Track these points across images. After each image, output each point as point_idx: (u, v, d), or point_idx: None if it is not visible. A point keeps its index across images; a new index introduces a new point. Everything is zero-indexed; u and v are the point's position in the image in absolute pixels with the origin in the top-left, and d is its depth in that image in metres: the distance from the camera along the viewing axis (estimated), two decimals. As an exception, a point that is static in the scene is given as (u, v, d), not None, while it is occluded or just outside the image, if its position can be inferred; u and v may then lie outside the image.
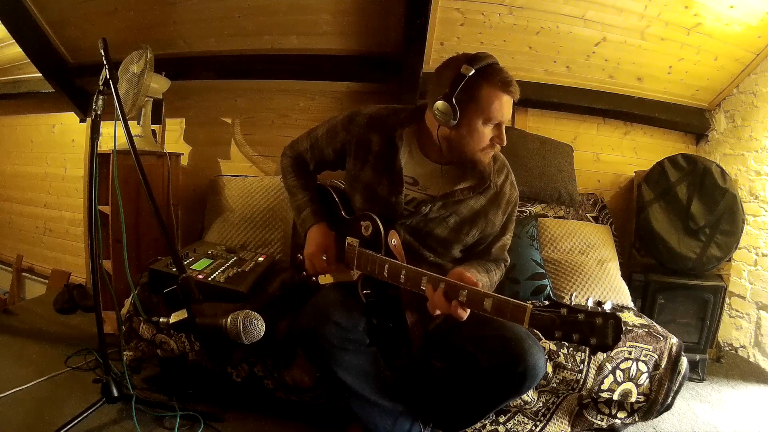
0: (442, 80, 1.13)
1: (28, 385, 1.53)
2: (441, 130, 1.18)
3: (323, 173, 1.50)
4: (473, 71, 1.09)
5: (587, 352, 1.41)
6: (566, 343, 1.28)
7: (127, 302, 1.54)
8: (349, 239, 1.28)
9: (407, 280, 1.13)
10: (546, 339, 0.95)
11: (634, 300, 1.92)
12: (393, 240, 1.20)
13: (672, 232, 2.10)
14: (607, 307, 0.90)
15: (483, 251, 1.32)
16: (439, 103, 1.11)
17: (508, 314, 0.98)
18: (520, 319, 0.95)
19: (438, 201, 1.23)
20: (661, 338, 1.48)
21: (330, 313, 1.15)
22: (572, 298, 0.94)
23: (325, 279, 1.37)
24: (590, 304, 0.91)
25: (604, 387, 1.42)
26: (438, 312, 1.08)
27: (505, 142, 1.17)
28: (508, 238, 1.35)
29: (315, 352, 1.15)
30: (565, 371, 1.39)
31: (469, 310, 1.05)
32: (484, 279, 1.21)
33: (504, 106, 1.12)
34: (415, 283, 1.11)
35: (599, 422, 1.51)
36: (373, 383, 1.17)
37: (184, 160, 2.42)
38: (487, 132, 1.15)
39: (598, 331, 0.88)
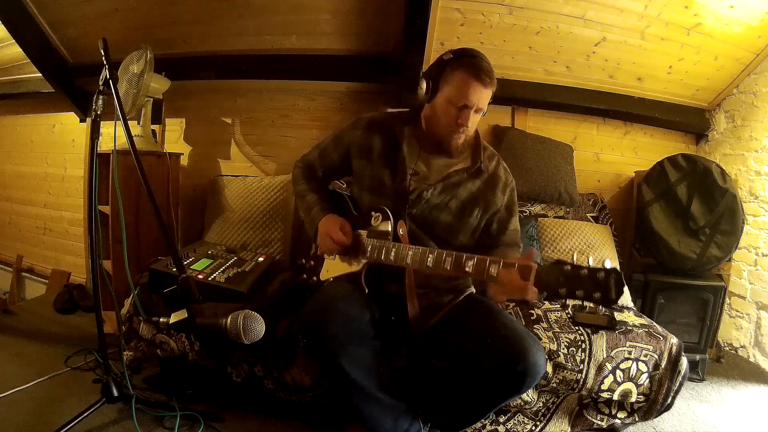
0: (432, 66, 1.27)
1: (28, 385, 1.53)
2: (424, 111, 1.32)
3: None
4: (452, 56, 1.22)
5: (600, 308, 1.41)
6: (571, 301, 1.27)
7: (127, 302, 1.54)
8: (358, 231, 1.31)
9: (414, 259, 1.17)
10: (551, 297, 0.97)
11: (634, 300, 1.92)
12: (401, 230, 1.26)
13: (672, 232, 2.10)
14: (608, 265, 0.92)
15: (498, 233, 1.36)
16: (421, 81, 1.26)
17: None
18: (525, 278, 0.99)
19: (438, 185, 1.30)
20: (661, 338, 1.48)
21: (336, 304, 1.17)
22: (574, 258, 0.96)
23: (327, 275, 1.38)
24: (591, 263, 0.95)
25: (604, 387, 1.42)
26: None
27: (468, 125, 1.24)
28: (516, 222, 1.40)
29: (320, 343, 1.15)
30: (565, 371, 1.39)
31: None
32: None
33: (471, 90, 1.20)
34: (421, 261, 1.16)
35: (599, 422, 1.51)
36: (376, 378, 1.17)
37: (184, 160, 2.42)
38: (453, 112, 1.23)
39: (602, 285, 0.91)
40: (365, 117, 1.40)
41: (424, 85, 1.26)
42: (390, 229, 1.26)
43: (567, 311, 1.64)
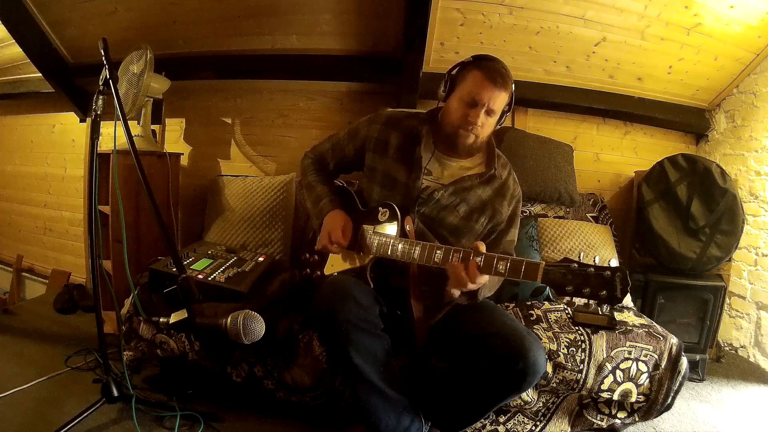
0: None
1: (28, 385, 1.52)
2: (441, 111, 1.34)
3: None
4: (471, 60, 1.27)
5: (603, 308, 1.46)
6: (577, 300, 1.30)
7: (127, 302, 1.54)
8: (364, 226, 1.32)
9: (421, 255, 1.18)
10: (558, 295, 1.01)
11: (634, 300, 1.92)
12: (408, 226, 1.27)
13: (672, 232, 2.10)
14: (613, 264, 0.95)
15: (493, 243, 1.36)
16: (440, 83, 1.32)
17: (521, 273, 1.04)
18: (533, 276, 1.01)
19: (449, 187, 1.32)
20: (661, 338, 1.48)
21: (350, 291, 1.17)
22: (581, 257, 0.99)
23: (331, 269, 1.38)
24: (597, 262, 0.98)
25: (604, 387, 1.42)
26: (457, 292, 1.14)
27: (478, 123, 1.25)
28: (514, 233, 1.40)
29: (331, 330, 1.15)
30: (565, 371, 1.39)
31: (487, 277, 1.11)
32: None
33: (482, 88, 1.22)
34: (429, 257, 1.17)
35: (599, 422, 1.51)
36: (382, 371, 1.17)
37: (184, 160, 2.42)
38: (464, 109, 1.25)
39: (608, 283, 0.93)
40: (384, 113, 1.43)
41: (442, 86, 1.31)
42: (397, 226, 1.27)
43: (567, 312, 1.64)
